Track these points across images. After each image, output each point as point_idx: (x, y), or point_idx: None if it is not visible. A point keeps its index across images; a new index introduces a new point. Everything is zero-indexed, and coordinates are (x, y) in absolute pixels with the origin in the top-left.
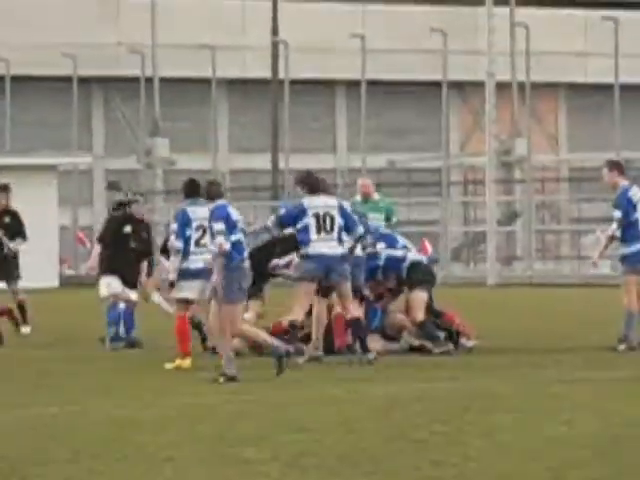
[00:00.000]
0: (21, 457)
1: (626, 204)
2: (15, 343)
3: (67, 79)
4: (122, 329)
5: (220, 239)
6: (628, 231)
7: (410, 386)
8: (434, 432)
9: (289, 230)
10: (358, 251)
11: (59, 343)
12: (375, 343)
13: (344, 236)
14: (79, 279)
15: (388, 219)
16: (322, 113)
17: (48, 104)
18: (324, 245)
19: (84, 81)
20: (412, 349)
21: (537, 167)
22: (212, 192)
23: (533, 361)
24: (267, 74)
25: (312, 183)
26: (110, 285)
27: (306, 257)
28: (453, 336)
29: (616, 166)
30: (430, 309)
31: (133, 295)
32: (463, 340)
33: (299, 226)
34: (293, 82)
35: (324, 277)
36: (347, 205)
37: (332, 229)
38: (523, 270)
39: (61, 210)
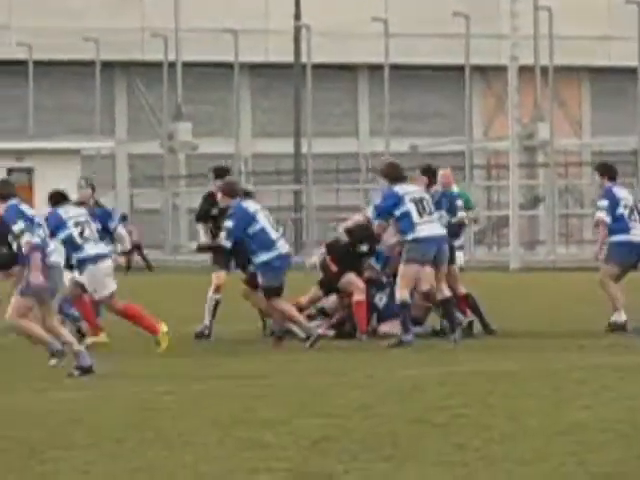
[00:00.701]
0: (41, 441)
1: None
2: None
3: (90, 64)
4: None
5: (27, 237)
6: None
7: (432, 370)
8: (457, 415)
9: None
10: None
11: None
12: (394, 327)
13: None
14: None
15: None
16: (344, 97)
17: (71, 89)
18: (431, 227)
19: (107, 66)
20: (435, 333)
21: (560, 151)
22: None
23: (556, 345)
24: (290, 58)
25: (395, 173)
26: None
27: (417, 241)
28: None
29: (608, 172)
30: None
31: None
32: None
33: (398, 214)
34: (315, 66)
35: (433, 258)
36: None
37: (431, 212)
38: (546, 254)
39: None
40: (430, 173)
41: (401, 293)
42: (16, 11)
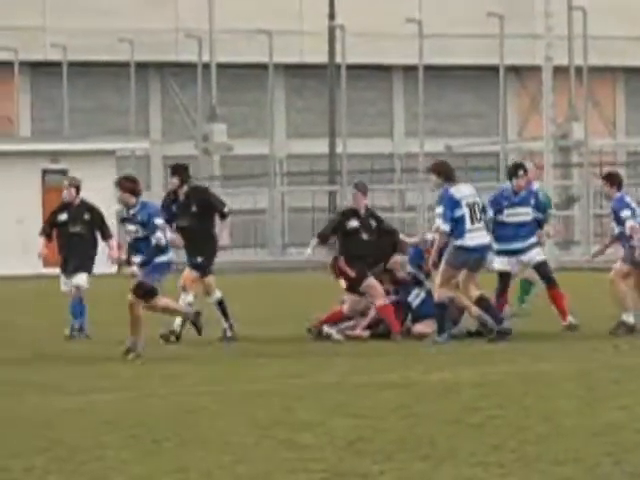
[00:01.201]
0: (79, 441)
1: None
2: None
3: (124, 65)
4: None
5: None
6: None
7: (467, 371)
8: (492, 416)
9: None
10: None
11: (114, 328)
12: (429, 327)
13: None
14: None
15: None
16: (379, 98)
17: (105, 90)
18: (480, 236)
19: (141, 66)
20: (470, 334)
21: (594, 151)
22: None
23: (590, 345)
24: (324, 59)
25: (448, 171)
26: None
27: (463, 249)
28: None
29: (617, 180)
30: None
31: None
32: None
33: (456, 216)
34: (350, 67)
35: (473, 266)
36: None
37: (481, 218)
38: (581, 254)
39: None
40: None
41: (439, 293)
42: (50, 12)
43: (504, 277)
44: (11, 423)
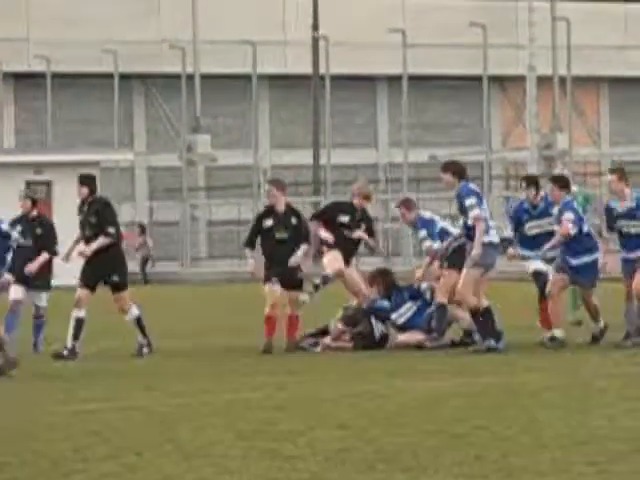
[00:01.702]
0: (62, 454)
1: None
2: (61, 340)
3: (108, 76)
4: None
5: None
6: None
7: (451, 381)
8: (475, 427)
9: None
10: None
11: (98, 339)
12: (412, 337)
13: None
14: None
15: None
16: (363, 108)
17: (89, 101)
18: (495, 233)
19: (125, 78)
20: (454, 344)
21: (579, 161)
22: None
23: (577, 355)
24: (308, 69)
25: (462, 169)
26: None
27: (493, 245)
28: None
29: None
30: None
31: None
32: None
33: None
34: (334, 77)
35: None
36: None
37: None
38: None
39: None
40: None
41: (470, 301)
42: (34, 24)
43: (541, 277)
44: None
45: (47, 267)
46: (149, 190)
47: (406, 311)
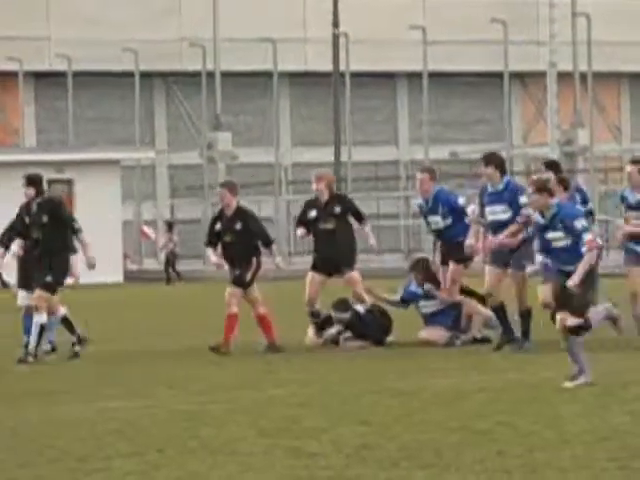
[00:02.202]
0: (87, 451)
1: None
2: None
3: (129, 74)
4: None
5: None
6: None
7: (474, 377)
8: (498, 423)
9: None
10: None
11: (122, 338)
12: (435, 335)
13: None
14: (142, 274)
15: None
16: (383, 105)
17: (110, 99)
18: None
19: (146, 76)
20: (476, 340)
21: (600, 157)
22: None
23: (598, 350)
24: (328, 67)
25: (504, 163)
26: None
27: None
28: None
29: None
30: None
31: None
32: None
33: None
34: (354, 74)
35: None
36: None
37: None
38: None
39: (124, 205)
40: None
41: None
42: (55, 23)
43: None
44: (19, 433)
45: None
46: (170, 188)
47: (435, 305)
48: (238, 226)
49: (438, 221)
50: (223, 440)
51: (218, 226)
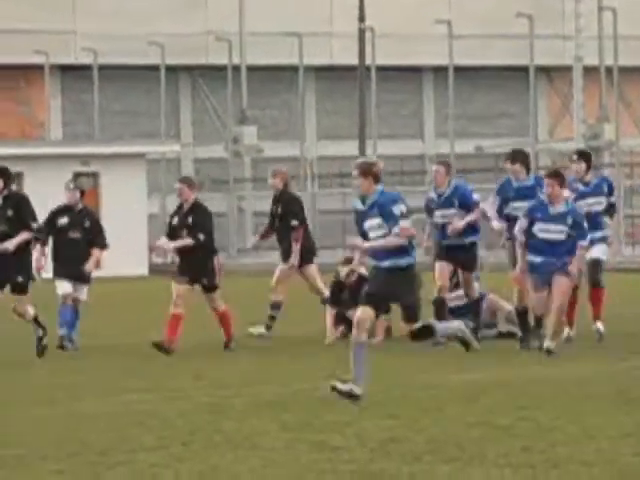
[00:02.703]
0: (110, 444)
1: None
2: (104, 332)
3: (155, 68)
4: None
5: None
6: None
7: (497, 372)
8: (521, 418)
9: None
10: None
11: (147, 330)
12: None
13: None
14: (168, 267)
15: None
16: (409, 99)
17: (136, 93)
18: None
19: (172, 70)
20: (501, 335)
21: (626, 151)
22: None
23: (620, 347)
24: (354, 61)
25: (529, 160)
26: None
27: None
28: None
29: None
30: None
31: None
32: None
33: None
34: (380, 68)
35: None
36: None
37: None
38: (612, 255)
39: (150, 198)
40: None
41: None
42: (81, 16)
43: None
44: (41, 426)
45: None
46: (196, 182)
47: (459, 298)
48: (190, 220)
49: (452, 214)
50: (246, 434)
51: (175, 220)
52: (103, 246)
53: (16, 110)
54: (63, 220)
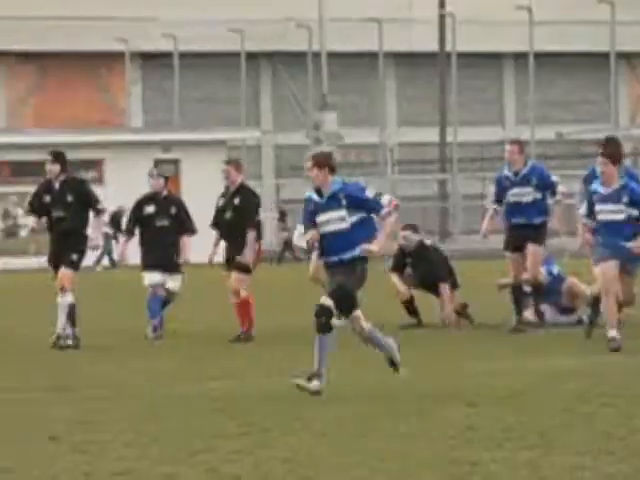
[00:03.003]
0: (190, 431)
1: None
2: (179, 319)
3: (235, 55)
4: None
5: None
6: None
7: (578, 360)
8: (602, 404)
9: None
10: None
11: (226, 318)
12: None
13: None
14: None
15: None
16: (489, 85)
17: (216, 80)
18: None
19: (252, 56)
20: (581, 322)
21: None
22: None
23: None
24: (434, 47)
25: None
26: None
27: None
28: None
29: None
30: None
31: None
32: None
33: None
34: (460, 55)
35: None
36: None
37: None
38: None
39: None
40: None
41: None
42: (161, 3)
43: None
44: (124, 412)
45: (177, 249)
46: (275, 168)
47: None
48: (236, 201)
49: (528, 192)
50: (324, 421)
51: (222, 201)
52: (192, 231)
53: (97, 97)
54: (150, 209)
